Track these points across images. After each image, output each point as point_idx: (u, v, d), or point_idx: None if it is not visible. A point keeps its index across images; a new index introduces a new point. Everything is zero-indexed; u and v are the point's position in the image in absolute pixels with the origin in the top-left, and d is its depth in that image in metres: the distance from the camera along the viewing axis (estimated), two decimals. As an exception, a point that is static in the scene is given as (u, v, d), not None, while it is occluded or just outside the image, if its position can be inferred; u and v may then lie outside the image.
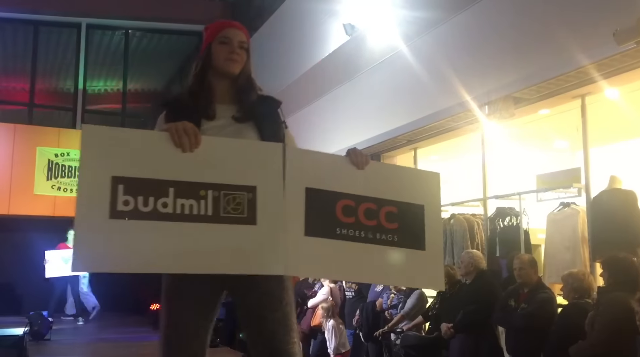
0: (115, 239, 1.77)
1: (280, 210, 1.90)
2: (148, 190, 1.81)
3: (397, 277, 2.17)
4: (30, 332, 7.86)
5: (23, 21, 12.03)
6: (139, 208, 1.79)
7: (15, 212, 10.49)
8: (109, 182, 1.79)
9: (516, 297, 4.37)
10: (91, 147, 1.88)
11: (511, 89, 4.67)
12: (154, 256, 1.80)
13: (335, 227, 1.94)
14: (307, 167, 2.00)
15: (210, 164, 1.89)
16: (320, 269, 2.08)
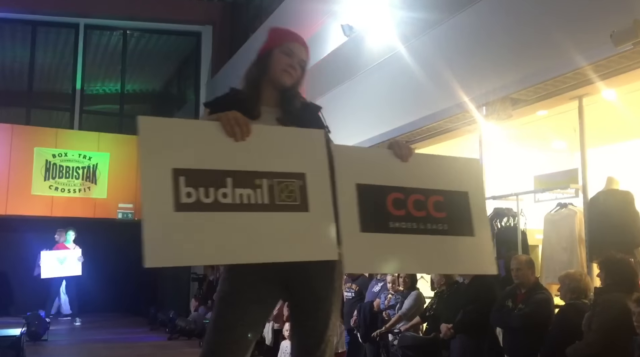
0: (182, 232, 1.75)
1: (328, 196, 1.92)
2: (208, 181, 1.80)
3: (452, 265, 2.20)
4: (28, 333, 7.86)
5: (21, 21, 12.02)
6: (201, 200, 1.77)
7: (12, 213, 10.49)
8: (171, 174, 1.77)
9: (513, 298, 4.37)
10: (149, 139, 1.85)
11: (509, 90, 4.68)
12: (219, 248, 1.79)
13: (388, 221, 1.96)
14: (355, 163, 2.02)
15: (261, 152, 1.90)
16: (378, 264, 2.09)
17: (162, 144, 1.83)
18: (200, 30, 13.25)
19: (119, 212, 11.15)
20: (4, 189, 10.42)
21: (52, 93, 13.42)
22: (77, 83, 12.31)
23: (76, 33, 12.36)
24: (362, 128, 6.65)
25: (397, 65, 6.17)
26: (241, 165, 1.85)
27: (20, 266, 11.52)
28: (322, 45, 7.82)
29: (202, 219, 1.77)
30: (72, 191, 10.95)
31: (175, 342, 7.96)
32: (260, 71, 2.15)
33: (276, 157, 1.91)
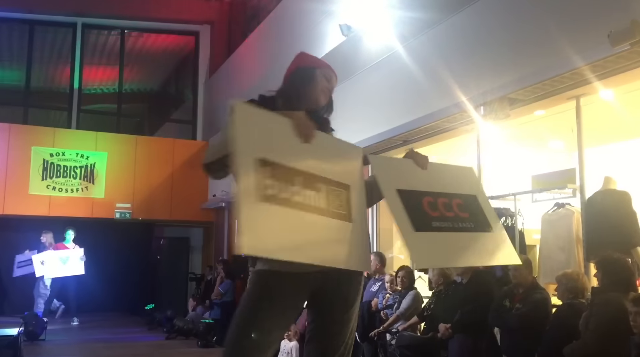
0: (266, 223, 1.74)
1: (364, 209, 2.08)
2: (285, 176, 1.83)
3: (486, 258, 2.38)
4: (25, 333, 7.84)
5: (19, 20, 12.00)
6: (279, 194, 1.79)
7: (10, 212, 10.47)
8: (258, 164, 1.78)
9: (511, 298, 4.38)
10: (243, 125, 1.83)
11: (507, 90, 4.68)
12: (288, 244, 1.80)
13: (431, 221, 2.13)
14: (391, 171, 2.21)
15: (320, 157, 1.99)
16: (441, 259, 2.28)
17: (252, 133, 1.84)
18: (198, 29, 13.24)
19: (116, 212, 11.14)
20: (1, 188, 10.40)
21: (49, 92, 13.40)
22: (75, 82, 12.28)
23: (74, 32, 12.34)
24: (360, 128, 6.65)
25: (395, 65, 6.17)
26: (308, 167, 1.92)
27: (17, 266, 11.50)
28: (320, 45, 7.82)
29: (278, 213, 1.77)
30: (70, 190, 10.93)
31: (173, 342, 7.95)
32: (304, 83, 2.29)
33: (331, 164, 2.01)
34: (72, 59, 12.34)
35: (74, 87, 12.27)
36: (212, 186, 11.67)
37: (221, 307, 9.35)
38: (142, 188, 11.44)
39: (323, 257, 1.89)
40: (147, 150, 11.68)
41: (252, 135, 1.81)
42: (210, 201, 11.55)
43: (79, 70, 12.36)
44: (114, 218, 11.14)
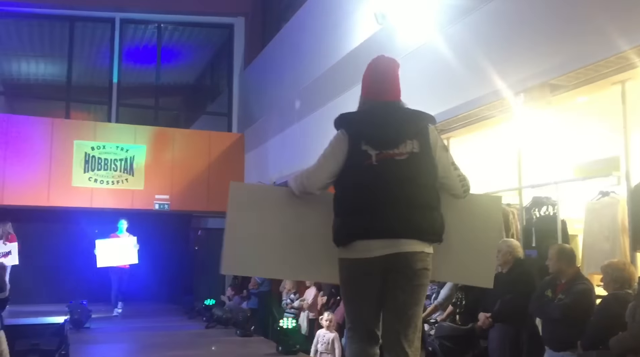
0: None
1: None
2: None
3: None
4: (71, 321, 8.10)
5: (59, 17, 12.30)
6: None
7: (54, 204, 10.78)
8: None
9: (553, 288, 4.30)
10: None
11: (547, 76, 4.56)
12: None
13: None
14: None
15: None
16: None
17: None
18: (232, 22, 13.33)
19: (155, 203, 11.37)
20: (46, 181, 10.72)
21: (90, 87, 13.72)
22: (114, 77, 12.55)
23: (112, 27, 12.59)
24: (396, 117, 6.61)
25: (431, 53, 6.09)
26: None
27: (63, 256, 11.88)
28: (355, 34, 7.77)
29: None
30: (110, 182, 11.19)
31: (212, 331, 8.10)
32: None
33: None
34: (111, 54, 12.60)
35: (113, 82, 12.54)
36: (248, 178, 11.78)
37: (258, 297, 9.47)
38: (180, 180, 11.64)
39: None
40: (184, 143, 11.86)
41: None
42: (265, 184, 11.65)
43: (118, 65, 12.62)
44: (153, 209, 11.36)
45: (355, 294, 2.54)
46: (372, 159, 2.51)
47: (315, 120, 8.73)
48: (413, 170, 2.51)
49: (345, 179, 2.57)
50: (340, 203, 2.58)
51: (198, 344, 6.87)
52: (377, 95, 2.69)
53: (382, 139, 2.53)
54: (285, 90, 10.13)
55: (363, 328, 2.54)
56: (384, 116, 2.60)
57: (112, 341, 7.29)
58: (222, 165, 11.93)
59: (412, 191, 2.49)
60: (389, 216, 2.45)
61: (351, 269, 2.52)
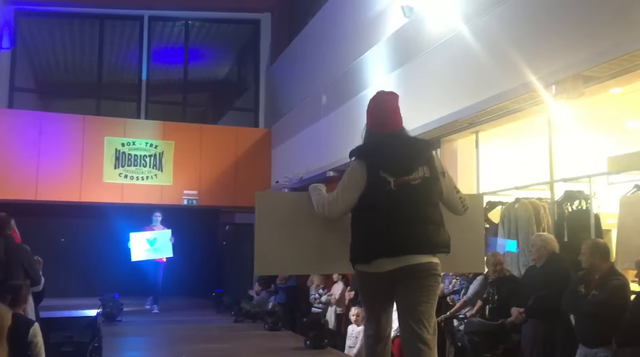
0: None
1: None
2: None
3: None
4: (103, 314, 8.26)
5: (90, 16, 12.51)
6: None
7: (85, 200, 10.99)
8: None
9: (586, 284, 4.21)
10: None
11: (580, 68, 4.45)
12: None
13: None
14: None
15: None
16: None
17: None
18: (259, 17, 13.37)
19: (184, 199, 11.50)
20: (78, 177, 10.93)
21: (119, 84, 13.94)
22: (143, 74, 12.72)
23: (141, 25, 12.75)
24: (423, 111, 6.54)
25: (459, 45, 6.01)
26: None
27: (95, 250, 12.13)
28: (382, 28, 7.72)
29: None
30: (140, 178, 11.36)
31: (241, 325, 8.17)
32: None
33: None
34: (139, 51, 12.77)
35: (142, 79, 12.71)
36: (275, 173, 11.83)
37: (285, 292, 9.52)
38: (208, 175, 11.75)
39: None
40: (212, 139, 11.96)
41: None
42: (273, 188, 11.71)
43: (147, 62, 12.79)
44: (182, 205, 11.50)
45: (368, 296, 2.99)
46: (391, 185, 2.84)
47: (341, 115, 8.71)
48: (426, 192, 2.89)
49: (366, 203, 2.88)
50: (361, 224, 2.91)
51: (227, 338, 6.94)
52: (383, 127, 3.04)
53: (399, 167, 2.88)
54: (312, 85, 10.13)
55: (375, 327, 2.93)
56: (397, 146, 2.96)
57: (143, 334, 7.42)
58: (250, 160, 12.01)
59: (426, 210, 2.86)
60: (407, 234, 2.79)
61: (365, 280, 2.94)
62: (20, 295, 4.21)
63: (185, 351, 6.10)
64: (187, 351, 6.08)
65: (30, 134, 10.75)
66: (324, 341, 6.17)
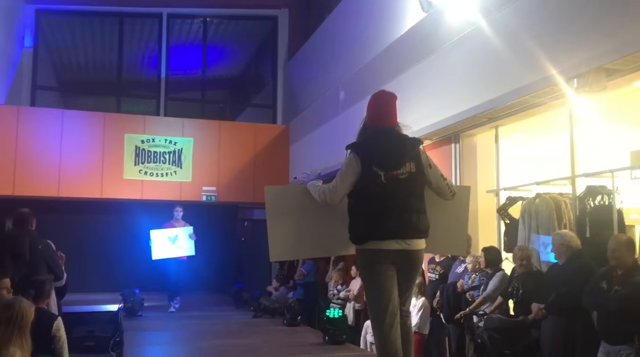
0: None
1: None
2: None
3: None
4: (124, 309, 8.36)
5: (109, 14, 12.65)
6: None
7: (107, 196, 11.12)
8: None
9: (609, 279, 4.15)
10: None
11: (603, 60, 4.38)
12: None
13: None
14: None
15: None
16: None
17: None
18: (276, 14, 13.38)
19: (203, 195, 11.58)
20: (99, 173, 11.07)
21: (139, 81, 14.07)
22: (162, 71, 12.82)
23: (160, 22, 12.86)
24: (443, 106, 6.50)
25: (478, 40, 5.95)
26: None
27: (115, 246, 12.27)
28: (400, 23, 7.68)
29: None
30: (159, 174, 11.46)
31: (260, 320, 8.20)
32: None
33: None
34: (158, 49, 12.87)
35: (161, 76, 12.81)
36: (293, 169, 11.85)
37: (304, 288, 9.54)
38: (226, 172, 11.81)
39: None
40: (230, 135, 12.02)
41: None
42: (291, 184, 11.75)
43: (166, 59, 12.89)
44: (201, 201, 11.58)
45: (378, 272, 3.30)
46: (382, 178, 3.28)
47: (359, 111, 8.64)
48: (412, 185, 3.34)
49: (361, 192, 3.33)
50: (357, 210, 3.35)
51: (246, 333, 6.97)
52: (380, 122, 3.48)
53: (388, 163, 3.32)
54: (330, 81, 10.11)
55: (389, 302, 3.27)
56: (387, 144, 3.36)
57: (163, 329, 7.49)
58: (268, 156, 12.05)
59: (411, 201, 3.32)
60: (397, 221, 3.26)
61: (370, 256, 3.31)
62: (43, 290, 4.28)
63: (205, 345, 6.15)
64: (207, 346, 6.13)
65: (52, 132, 10.90)
66: (343, 336, 6.17)
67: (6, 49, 11.31)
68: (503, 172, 6.60)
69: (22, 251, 4.92)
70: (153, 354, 5.90)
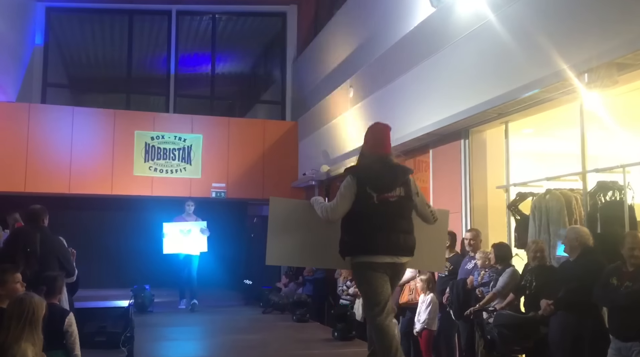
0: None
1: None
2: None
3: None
4: (135, 304, 8.41)
5: (119, 11, 12.69)
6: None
7: (117, 193, 11.19)
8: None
9: (619, 275, 4.11)
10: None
11: (614, 55, 4.34)
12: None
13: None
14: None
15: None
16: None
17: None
18: (285, 10, 13.37)
19: (212, 191, 11.62)
20: (109, 170, 11.13)
21: (149, 78, 14.12)
22: (171, 68, 12.85)
23: (169, 19, 12.88)
24: (452, 101, 6.47)
25: (488, 35, 5.91)
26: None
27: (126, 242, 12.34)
28: (409, 18, 7.64)
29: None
30: (169, 171, 11.51)
31: (269, 316, 8.23)
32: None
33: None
34: (168, 46, 12.90)
35: (171, 73, 12.85)
36: (302, 165, 11.85)
37: (313, 284, 9.55)
38: (236, 168, 11.84)
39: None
40: (239, 132, 12.04)
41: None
42: (300, 180, 11.75)
43: (175, 56, 12.92)
44: (210, 197, 11.61)
45: (375, 279, 3.69)
46: (374, 199, 3.69)
47: (368, 107, 8.67)
48: (400, 208, 3.76)
49: (356, 211, 3.73)
50: (351, 227, 3.75)
51: (256, 329, 7.00)
52: (376, 150, 3.88)
53: (381, 186, 3.73)
54: (338, 77, 10.09)
55: (384, 303, 3.68)
56: (382, 169, 3.79)
57: (173, 325, 7.53)
58: (277, 153, 12.06)
59: (399, 221, 3.73)
60: (385, 239, 3.67)
61: (368, 264, 3.70)
62: (55, 286, 4.31)
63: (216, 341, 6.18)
64: (217, 342, 6.16)
65: (63, 129, 10.98)
66: (352, 332, 6.18)
67: (17, 46, 11.38)
68: (513, 168, 6.56)
69: (34, 247, 4.96)
70: (163, 349, 5.93)
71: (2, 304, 3.61)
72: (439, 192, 7.33)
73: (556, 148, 7.26)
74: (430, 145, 7.45)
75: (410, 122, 7.30)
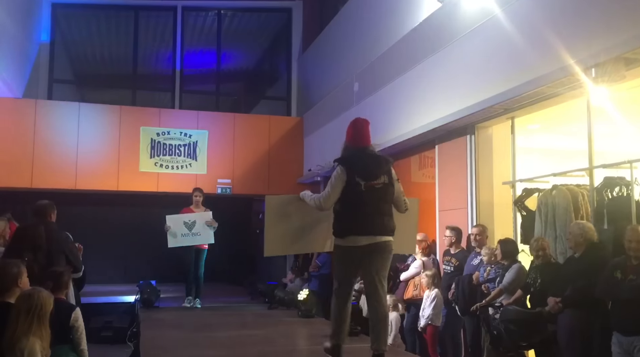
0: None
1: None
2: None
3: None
4: (141, 300, 8.44)
5: (125, 7, 12.70)
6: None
7: (123, 189, 11.22)
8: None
9: (622, 269, 4.10)
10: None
11: (622, 49, 4.31)
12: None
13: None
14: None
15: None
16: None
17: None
18: (290, 6, 13.35)
19: (218, 187, 11.63)
20: (115, 166, 11.16)
21: (154, 74, 14.14)
22: (177, 64, 12.86)
23: (174, 15, 12.89)
24: (458, 97, 6.45)
25: (494, 30, 5.89)
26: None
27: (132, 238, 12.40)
28: (415, 14, 7.62)
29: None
30: (175, 167, 11.53)
31: (275, 312, 8.24)
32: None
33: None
34: (173, 42, 12.91)
35: (176, 69, 12.86)
36: (308, 161, 11.85)
37: (319, 280, 9.55)
38: (241, 164, 11.85)
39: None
40: (245, 128, 12.05)
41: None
42: (305, 176, 11.75)
43: (180, 52, 12.92)
44: (216, 193, 11.63)
45: (345, 265, 4.19)
46: (362, 187, 4.10)
47: (374, 103, 8.65)
48: (384, 194, 4.18)
49: (346, 198, 4.14)
50: (342, 212, 4.18)
51: (261, 324, 7.01)
52: (357, 143, 4.30)
53: (368, 175, 4.13)
54: (344, 72, 10.08)
55: (346, 286, 4.21)
56: (367, 159, 4.21)
57: (179, 319, 7.55)
58: (282, 149, 12.06)
59: (384, 206, 4.17)
60: (372, 221, 4.09)
61: (345, 252, 4.16)
62: (62, 281, 4.33)
63: (221, 336, 6.20)
64: (222, 337, 6.18)
65: (69, 125, 11.01)
66: (357, 328, 6.18)
67: (23, 43, 11.42)
68: (519, 163, 6.54)
69: (41, 242, 4.98)
70: (169, 344, 5.95)
71: (12, 298, 3.63)
72: (445, 188, 7.32)
73: (563, 144, 7.23)
74: (436, 141, 7.43)
75: (416, 118, 7.29)
